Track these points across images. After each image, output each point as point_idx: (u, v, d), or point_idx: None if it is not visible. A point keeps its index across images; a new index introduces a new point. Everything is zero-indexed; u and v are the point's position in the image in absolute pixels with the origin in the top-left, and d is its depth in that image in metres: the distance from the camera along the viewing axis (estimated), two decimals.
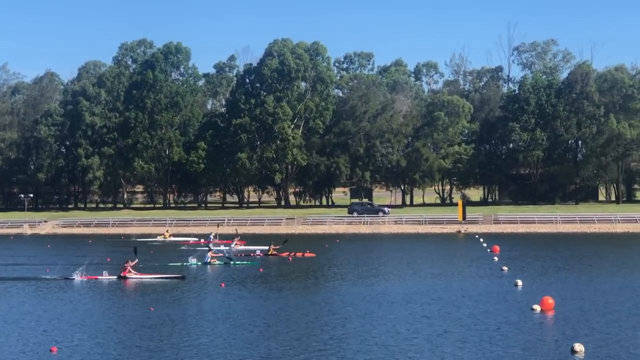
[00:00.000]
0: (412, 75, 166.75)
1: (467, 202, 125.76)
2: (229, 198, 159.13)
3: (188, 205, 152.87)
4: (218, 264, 61.54)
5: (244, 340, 31.15)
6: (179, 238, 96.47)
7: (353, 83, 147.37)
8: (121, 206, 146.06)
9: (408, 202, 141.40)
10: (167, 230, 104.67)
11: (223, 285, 48.34)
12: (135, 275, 52.32)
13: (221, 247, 75.88)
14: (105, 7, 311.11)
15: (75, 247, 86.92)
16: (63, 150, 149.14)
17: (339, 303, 40.40)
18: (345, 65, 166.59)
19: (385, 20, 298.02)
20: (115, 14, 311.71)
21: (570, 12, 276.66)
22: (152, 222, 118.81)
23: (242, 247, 77.90)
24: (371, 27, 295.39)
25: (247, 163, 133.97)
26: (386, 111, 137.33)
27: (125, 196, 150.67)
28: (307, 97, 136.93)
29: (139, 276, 52.24)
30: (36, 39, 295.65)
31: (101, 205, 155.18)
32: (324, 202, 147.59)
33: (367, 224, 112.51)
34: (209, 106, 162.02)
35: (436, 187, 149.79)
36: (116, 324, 35.08)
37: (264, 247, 71.96)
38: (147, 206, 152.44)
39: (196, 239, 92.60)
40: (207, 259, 62.07)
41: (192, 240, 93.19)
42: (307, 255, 69.17)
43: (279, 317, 36.18)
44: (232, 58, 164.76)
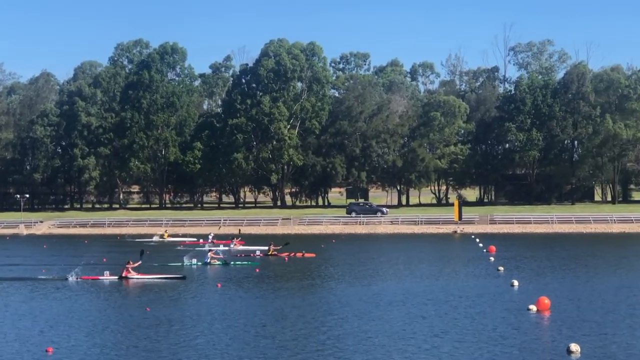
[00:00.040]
0: (408, 75, 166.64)
1: (463, 203, 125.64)
2: (225, 198, 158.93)
3: (184, 205, 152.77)
4: (218, 264, 61.52)
5: (240, 340, 31.11)
6: (178, 238, 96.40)
7: (349, 83, 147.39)
8: (117, 206, 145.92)
9: (404, 203, 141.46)
10: (166, 230, 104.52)
11: (219, 285, 48.33)
12: (136, 275, 52.29)
13: (220, 247, 75.82)
14: (101, 8, 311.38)
15: (71, 248, 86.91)
16: (59, 150, 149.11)
17: (336, 303, 40.39)
18: (341, 65, 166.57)
19: (381, 20, 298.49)
20: (111, 14, 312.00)
21: (566, 13, 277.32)
22: (148, 223, 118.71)
23: (242, 248, 77.87)
24: (367, 28, 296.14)
25: (243, 163, 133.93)
26: (382, 111, 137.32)
27: (121, 196, 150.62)
28: (303, 98, 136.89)
29: (140, 276, 52.21)
30: (32, 39, 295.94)
31: (97, 205, 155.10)
32: (320, 203, 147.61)
33: (363, 224, 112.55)
34: (205, 106, 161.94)
35: (432, 188, 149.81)
36: (112, 324, 35.03)
37: (263, 248, 71.99)
38: (143, 206, 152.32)
39: (195, 239, 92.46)
40: (207, 259, 62.06)
41: (188, 240, 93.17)
42: (307, 255, 69.14)
43: (276, 317, 36.16)
44: (228, 58, 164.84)
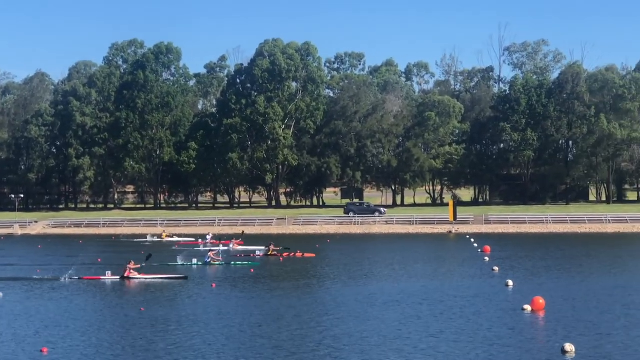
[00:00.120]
0: (403, 75, 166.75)
1: (458, 203, 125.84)
2: (220, 198, 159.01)
3: (179, 205, 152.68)
4: (218, 264, 61.49)
5: (236, 340, 31.09)
6: (177, 238, 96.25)
7: (344, 83, 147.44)
8: (112, 206, 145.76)
9: (399, 203, 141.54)
10: (164, 230, 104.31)
11: (214, 285, 48.29)
12: (137, 275, 52.24)
13: (220, 247, 75.77)
14: (96, 8, 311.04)
15: (66, 248, 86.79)
16: (54, 150, 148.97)
17: (332, 303, 40.39)
18: (336, 65, 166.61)
19: (376, 20, 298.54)
20: (106, 14, 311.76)
21: (561, 13, 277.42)
22: (143, 223, 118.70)
23: (241, 248, 77.82)
24: (362, 28, 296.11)
25: (238, 163, 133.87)
26: (377, 111, 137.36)
27: (116, 196, 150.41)
28: (298, 98, 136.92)
29: (142, 277, 52.16)
30: (27, 39, 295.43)
31: (92, 205, 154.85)
32: (315, 203, 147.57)
33: (358, 224, 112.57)
34: (200, 106, 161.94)
35: (427, 188, 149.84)
36: (107, 324, 35.00)
37: (262, 247, 71.98)
38: (138, 206, 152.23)
39: (193, 239, 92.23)
40: (208, 259, 62.04)
41: (183, 240, 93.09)
42: (307, 255, 69.10)
43: (272, 317, 36.14)
44: (223, 58, 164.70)
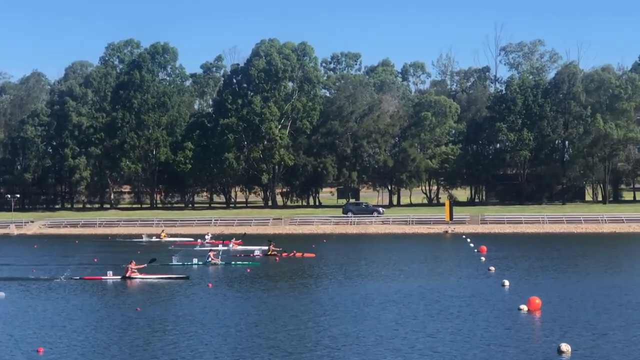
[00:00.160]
0: (399, 75, 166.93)
1: (454, 203, 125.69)
2: (216, 198, 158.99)
3: (175, 205, 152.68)
4: (219, 264, 61.45)
5: (233, 340, 31.08)
6: (176, 238, 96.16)
7: (340, 83, 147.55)
8: (108, 206, 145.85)
9: (395, 203, 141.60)
10: (163, 230, 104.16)
11: (210, 285, 48.28)
12: (139, 275, 52.18)
13: (220, 247, 75.81)
14: (92, 7, 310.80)
15: (62, 248, 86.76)
16: (50, 150, 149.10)
17: (328, 303, 40.35)
18: (332, 65, 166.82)
19: (372, 20, 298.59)
20: (102, 14, 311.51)
21: (557, 13, 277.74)
22: (139, 223, 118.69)
23: (240, 248, 77.79)
24: (358, 28, 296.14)
25: (234, 163, 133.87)
26: (373, 111, 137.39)
27: (112, 196, 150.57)
28: (294, 97, 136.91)
29: (144, 277, 52.10)
30: (23, 39, 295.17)
31: (88, 205, 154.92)
32: (311, 203, 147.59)
33: (355, 224, 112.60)
34: (196, 106, 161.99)
35: (423, 188, 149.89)
36: (103, 324, 34.95)
37: (262, 247, 71.95)
38: (134, 206, 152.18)
39: (192, 239, 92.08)
40: (208, 259, 62.01)
41: (179, 240, 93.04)
42: (307, 255, 69.05)
43: (268, 317, 36.11)
44: (219, 58, 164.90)
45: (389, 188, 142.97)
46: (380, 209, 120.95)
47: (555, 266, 58.78)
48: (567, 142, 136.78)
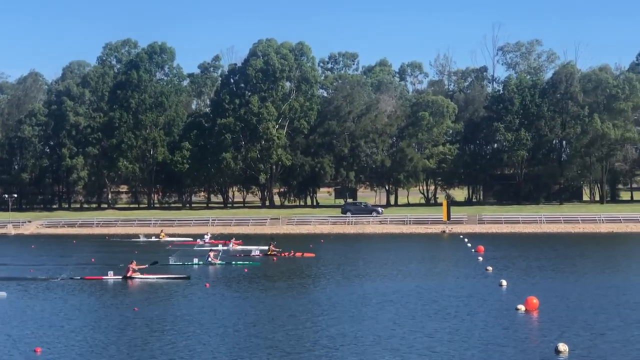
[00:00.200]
0: (397, 75, 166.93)
1: (452, 202, 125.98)
2: (214, 198, 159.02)
3: (172, 205, 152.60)
4: (220, 264, 61.40)
5: (231, 339, 31.07)
6: (175, 238, 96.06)
7: (337, 83, 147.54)
8: (105, 206, 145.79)
9: (392, 202, 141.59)
10: (162, 230, 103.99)
11: (208, 285, 48.24)
12: (140, 275, 52.13)
13: (219, 247, 75.83)
14: (89, 7, 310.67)
15: (59, 248, 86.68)
16: (47, 150, 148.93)
17: (326, 303, 40.32)
18: (329, 65, 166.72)
19: (369, 20, 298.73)
20: (99, 14, 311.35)
21: (554, 13, 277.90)
22: (137, 223, 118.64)
23: (240, 248, 77.77)
24: (356, 27, 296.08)
25: (232, 163, 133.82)
26: (371, 111, 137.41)
27: (109, 196, 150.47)
28: (292, 97, 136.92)
29: (145, 277, 52.04)
30: (20, 39, 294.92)
31: (85, 205, 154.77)
32: (309, 202, 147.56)
33: (352, 224, 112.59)
34: (194, 106, 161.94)
35: (421, 187, 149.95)
36: (100, 324, 34.91)
37: (262, 247, 71.94)
38: (132, 206, 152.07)
39: (191, 239, 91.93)
40: (209, 259, 61.97)
41: (177, 240, 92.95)
42: (307, 255, 69.03)
43: (266, 317, 36.07)
44: (217, 58, 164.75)
45: (387, 188, 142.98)
46: (379, 209, 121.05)
47: (552, 266, 58.82)
48: (565, 142, 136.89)
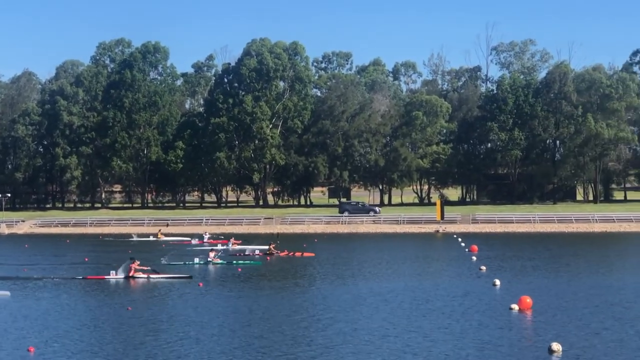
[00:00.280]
0: (391, 74, 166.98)
1: (446, 202, 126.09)
2: (207, 197, 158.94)
3: (166, 204, 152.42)
4: (221, 263, 61.35)
5: (227, 339, 31.08)
6: (173, 238, 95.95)
7: (331, 83, 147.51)
8: (99, 206, 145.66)
9: (386, 202, 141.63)
10: (160, 230, 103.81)
11: (201, 285, 48.19)
12: (142, 275, 52.06)
13: (219, 247, 75.83)
14: (83, 7, 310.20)
15: (53, 247, 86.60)
16: (41, 149, 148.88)
17: (320, 303, 40.32)
18: (323, 64, 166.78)
19: (363, 20, 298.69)
20: (93, 13, 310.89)
21: (548, 13, 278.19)
22: (130, 222, 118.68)
23: (239, 247, 77.76)
24: (349, 27, 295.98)
25: (226, 162, 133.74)
26: (364, 111, 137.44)
27: (103, 196, 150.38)
28: (286, 97, 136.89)
29: (146, 276, 51.96)
30: (14, 39, 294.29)
31: (79, 204, 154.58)
32: (302, 202, 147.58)
33: (346, 224, 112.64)
34: (187, 106, 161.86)
35: (414, 187, 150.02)
36: (94, 324, 34.89)
37: (262, 247, 71.96)
38: (125, 206, 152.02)
39: (189, 239, 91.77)
40: (209, 259, 61.95)
41: (172, 240, 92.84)
42: (307, 255, 69.03)
43: (260, 317, 36.08)
44: (211, 58, 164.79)
45: (380, 187, 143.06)
46: (376, 209, 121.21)
47: (546, 266, 58.90)
48: (558, 142, 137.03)
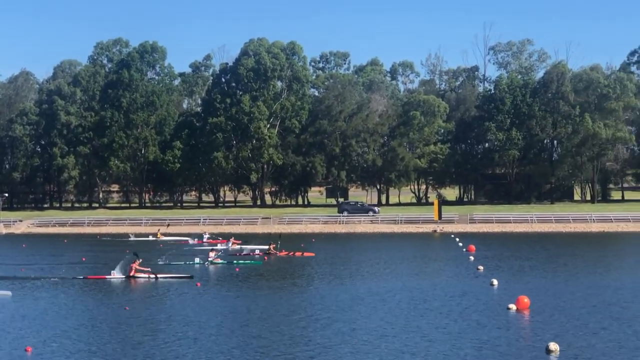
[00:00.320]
0: (388, 74, 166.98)
1: (443, 202, 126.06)
2: (205, 197, 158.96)
3: (164, 204, 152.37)
4: (221, 263, 61.33)
5: (225, 339, 31.07)
6: (173, 238, 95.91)
7: (329, 82, 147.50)
8: (97, 205, 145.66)
9: (384, 202, 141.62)
10: (159, 229, 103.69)
11: (199, 284, 48.17)
12: (143, 275, 52.02)
13: (219, 247, 75.84)
14: (81, 6, 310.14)
15: (50, 247, 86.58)
16: (38, 149, 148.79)
17: (318, 303, 40.28)
18: (321, 64, 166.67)
19: (361, 19, 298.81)
20: (91, 13, 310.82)
21: (545, 13, 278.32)
22: (128, 222, 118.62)
23: (239, 247, 77.75)
24: (347, 27, 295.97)
25: (223, 162, 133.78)
26: (362, 110, 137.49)
27: (100, 195, 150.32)
28: (283, 97, 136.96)
29: (147, 276, 51.92)
30: (11, 38, 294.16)
31: (76, 204, 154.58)
32: (300, 202, 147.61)
33: (344, 224, 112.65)
34: (185, 105, 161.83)
35: (412, 187, 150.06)
36: (92, 323, 34.87)
37: (261, 246, 71.98)
38: (123, 205, 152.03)
39: (187, 239, 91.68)
40: (210, 259, 61.95)
41: (170, 240, 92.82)
42: (307, 254, 69.02)
43: (258, 316, 36.06)
44: (208, 57, 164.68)
45: (378, 187, 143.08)
46: (375, 208, 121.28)
47: (543, 265, 58.92)
48: (556, 142, 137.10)
